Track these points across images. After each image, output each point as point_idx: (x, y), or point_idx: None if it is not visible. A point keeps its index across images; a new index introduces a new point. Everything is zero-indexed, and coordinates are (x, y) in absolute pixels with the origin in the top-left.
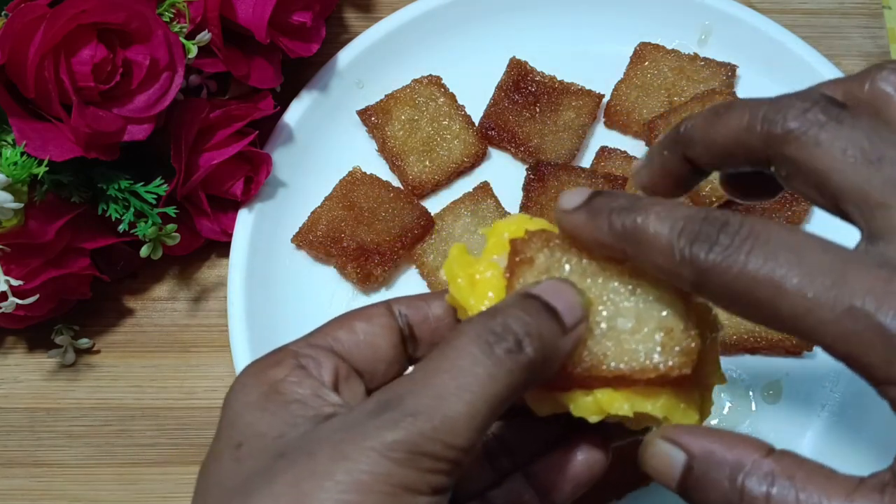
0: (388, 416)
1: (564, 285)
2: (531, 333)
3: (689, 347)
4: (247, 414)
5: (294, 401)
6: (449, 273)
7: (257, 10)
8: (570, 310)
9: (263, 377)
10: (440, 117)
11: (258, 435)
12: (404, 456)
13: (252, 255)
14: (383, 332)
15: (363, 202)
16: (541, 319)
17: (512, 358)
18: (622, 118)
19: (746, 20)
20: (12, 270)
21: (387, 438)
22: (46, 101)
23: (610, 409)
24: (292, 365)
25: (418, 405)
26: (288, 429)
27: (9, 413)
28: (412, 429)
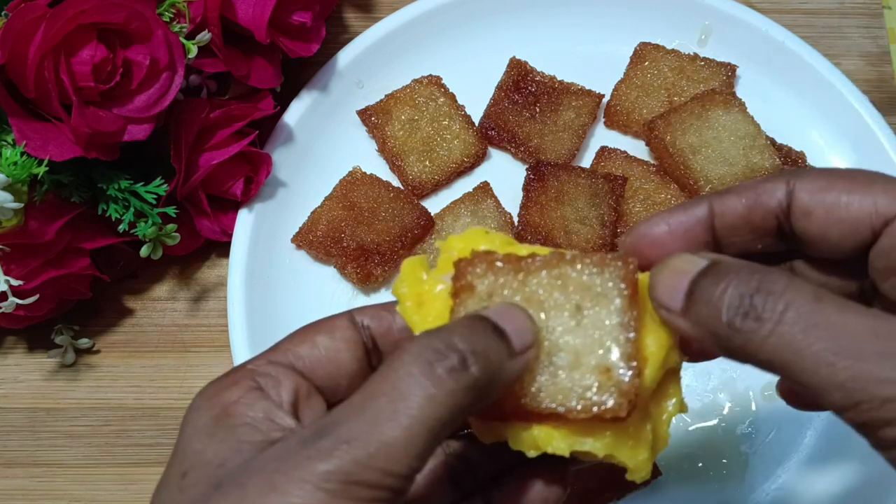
0: (321, 445)
1: (516, 309)
2: (477, 352)
3: (626, 389)
4: (195, 441)
5: (243, 424)
6: (396, 292)
7: (257, 10)
8: (519, 333)
9: (216, 399)
10: (440, 117)
11: (203, 464)
12: (338, 486)
13: (252, 255)
14: (346, 347)
15: (363, 202)
16: (488, 339)
17: (454, 377)
18: (622, 118)
19: (746, 20)
20: (12, 270)
21: (319, 468)
22: (46, 101)
23: (546, 448)
24: (248, 386)
25: (353, 431)
26: (232, 455)
27: (9, 413)
28: (346, 457)
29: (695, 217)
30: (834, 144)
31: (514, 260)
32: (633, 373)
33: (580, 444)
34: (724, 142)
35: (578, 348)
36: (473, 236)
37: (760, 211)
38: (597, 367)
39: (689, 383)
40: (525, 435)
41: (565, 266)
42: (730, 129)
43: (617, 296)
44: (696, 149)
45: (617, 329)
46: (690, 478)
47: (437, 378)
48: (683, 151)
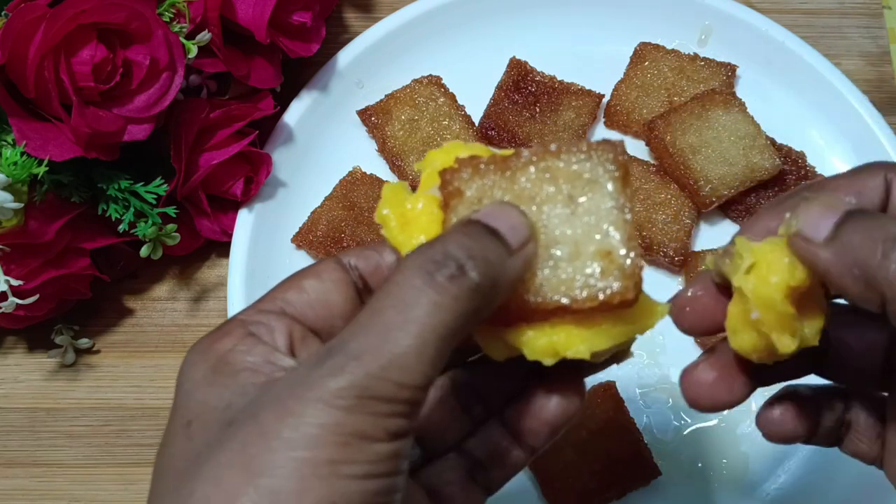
0: (332, 363)
1: (507, 206)
2: (474, 256)
3: (629, 270)
4: (195, 391)
5: (243, 370)
6: (379, 216)
7: (257, 10)
8: (513, 230)
9: (211, 351)
10: (440, 117)
11: (208, 410)
12: (353, 402)
13: (252, 255)
14: (336, 288)
15: (363, 202)
16: (483, 241)
17: (456, 283)
18: (622, 118)
19: (746, 20)
20: (12, 270)
21: (331, 386)
22: (46, 101)
23: (566, 352)
24: (241, 334)
25: (362, 346)
26: (237, 398)
27: (9, 413)
28: (358, 371)
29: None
30: (834, 144)
31: (500, 160)
32: (634, 253)
33: (600, 343)
34: (724, 142)
35: (576, 237)
36: (453, 148)
37: None
38: (597, 252)
39: None
40: (541, 343)
41: (552, 158)
42: (730, 129)
43: (608, 179)
44: (696, 149)
45: (612, 213)
46: (690, 478)
47: (439, 285)
48: (683, 151)
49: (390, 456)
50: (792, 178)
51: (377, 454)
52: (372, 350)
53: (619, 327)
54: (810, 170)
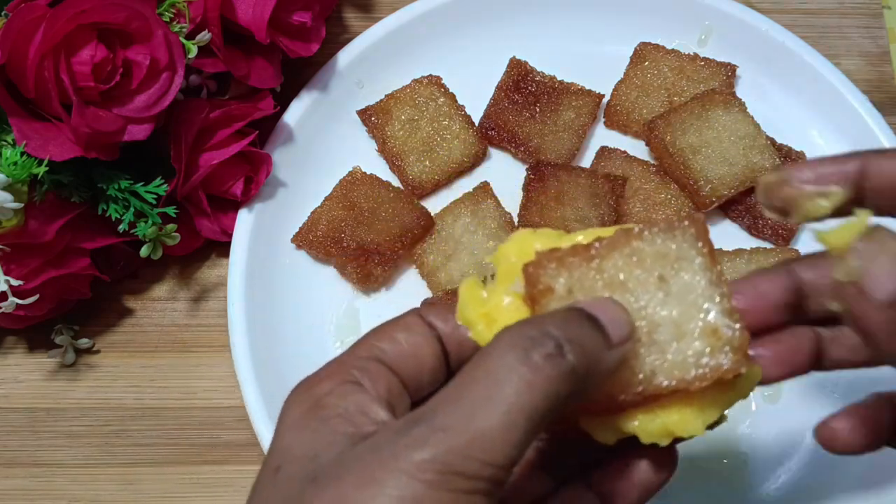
0: (417, 433)
1: (610, 302)
2: (572, 340)
3: (738, 344)
4: (287, 434)
5: (336, 416)
6: (463, 318)
7: (257, 10)
8: (615, 324)
9: (308, 393)
10: (440, 117)
11: (296, 458)
12: (435, 477)
13: (252, 255)
14: (425, 342)
15: (363, 202)
16: (583, 328)
17: (552, 363)
18: (622, 118)
19: (746, 20)
20: (12, 270)
21: (415, 457)
22: (46, 101)
23: (682, 433)
24: (341, 379)
25: (449, 419)
26: (324, 448)
27: (9, 413)
28: (442, 445)
29: (843, 172)
30: (834, 144)
31: (583, 250)
32: (739, 325)
33: (709, 416)
34: (724, 142)
35: (676, 319)
36: (523, 239)
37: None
38: (702, 331)
39: None
40: (655, 427)
41: (635, 241)
42: (730, 129)
43: (696, 255)
44: (696, 149)
45: (707, 288)
46: (690, 478)
47: (534, 364)
48: (683, 151)
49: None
50: None
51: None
52: (457, 425)
53: (724, 395)
54: None
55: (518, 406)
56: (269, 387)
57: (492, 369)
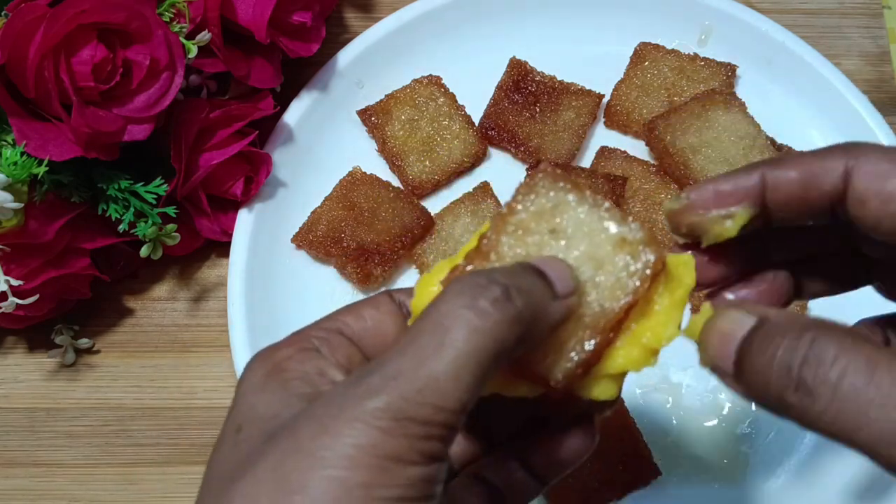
0: (370, 382)
1: (554, 258)
2: (520, 287)
3: (647, 237)
4: (249, 395)
5: (295, 378)
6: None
7: (257, 10)
8: (561, 279)
9: (270, 358)
10: (440, 117)
11: (256, 418)
12: (389, 423)
13: (252, 255)
14: (390, 319)
15: (363, 202)
16: (531, 279)
17: (499, 308)
18: (622, 118)
19: (746, 20)
20: (12, 270)
21: (368, 406)
22: (46, 101)
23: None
24: (301, 346)
25: (400, 367)
26: (283, 408)
27: (9, 413)
28: (395, 392)
29: (744, 188)
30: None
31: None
32: (636, 224)
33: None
34: (724, 142)
35: (587, 253)
36: (423, 284)
37: (815, 192)
38: (614, 248)
39: (690, 383)
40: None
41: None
42: (730, 129)
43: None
44: (696, 149)
45: (591, 213)
46: (690, 478)
47: (481, 309)
48: (683, 151)
49: (424, 480)
50: None
51: (411, 478)
52: (408, 372)
53: (675, 294)
54: None
55: (466, 351)
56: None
57: (441, 317)
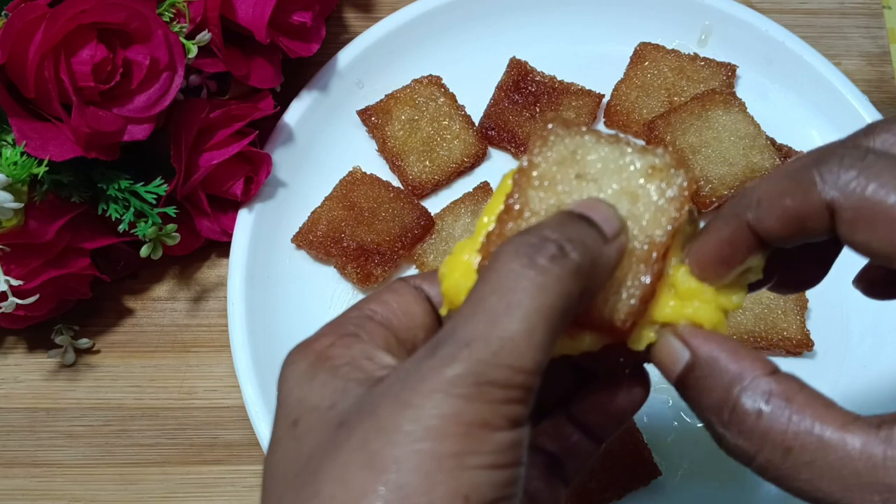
0: (443, 353)
1: (595, 200)
2: (572, 239)
3: (674, 159)
4: (297, 389)
5: (344, 364)
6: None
7: (257, 10)
8: (607, 220)
9: (309, 349)
10: (440, 117)
11: (312, 409)
12: (470, 390)
13: (252, 255)
14: (414, 301)
15: (363, 202)
16: (579, 227)
17: (558, 264)
18: (622, 118)
19: (746, 20)
20: (12, 270)
21: (447, 374)
22: (46, 101)
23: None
24: (340, 333)
25: (471, 334)
26: (340, 396)
27: (9, 413)
28: (471, 359)
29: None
30: None
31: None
32: (660, 149)
33: None
34: (724, 142)
35: (620, 190)
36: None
37: (803, 234)
38: (645, 179)
39: None
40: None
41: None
42: (730, 129)
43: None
44: (696, 149)
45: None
46: (690, 478)
47: (541, 267)
48: (683, 151)
49: (512, 445)
50: None
51: (499, 443)
52: (481, 336)
53: None
54: None
55: (534, 309)
56: (269, 387)
57: (501, 280)
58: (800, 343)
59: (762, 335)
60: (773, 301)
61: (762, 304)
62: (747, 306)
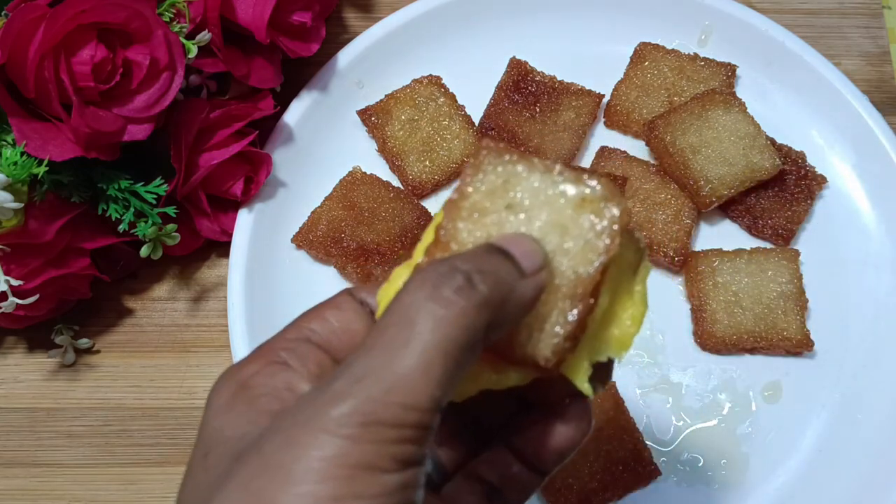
0: (335, 388)
1: (519, 235)
2: (483, 270)
3: (608, 190)
4: (214, 419)
5: (262, 395)
6: None
7: (257, 10)
8: (527, 255)
9: (234, 377)
10: (440, 117)
11: (223, 440)
12: (356, 430)
13: (252, 255)
14: (356, 318)
15: (363, 202)
16: (494, 260)
17: (463, 295)
18: (622, 118)
19: (746, 20)
20: (12, 270)
21: (333, 413)
22: (46, 101)
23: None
24: (268, 360)
25: (365, 368)
26: (250, 427)
27: (9, 413)
28: (361, 395)
29: None
30: (834, 144)
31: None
32: (594, 179)
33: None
34: (724, 142)
35: (549, 221)
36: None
37: None
38: (576, 210)
39: (689, 383)
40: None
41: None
42: (730, 129)
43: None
44: (696, 149)
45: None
46: (690, 478)
47: (445, 299)
48: (683, 151)
49: (402, 486)
50: (792, 178)
51: (385, 486)
52: (374, 372)
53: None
54: (810, 170)
55: (433, 343)
56: None
57: (404, 310)
58: (800, 343)
59: (762, 335)
60: (773, 301)
61: (762, 304)
62: (747, 306)
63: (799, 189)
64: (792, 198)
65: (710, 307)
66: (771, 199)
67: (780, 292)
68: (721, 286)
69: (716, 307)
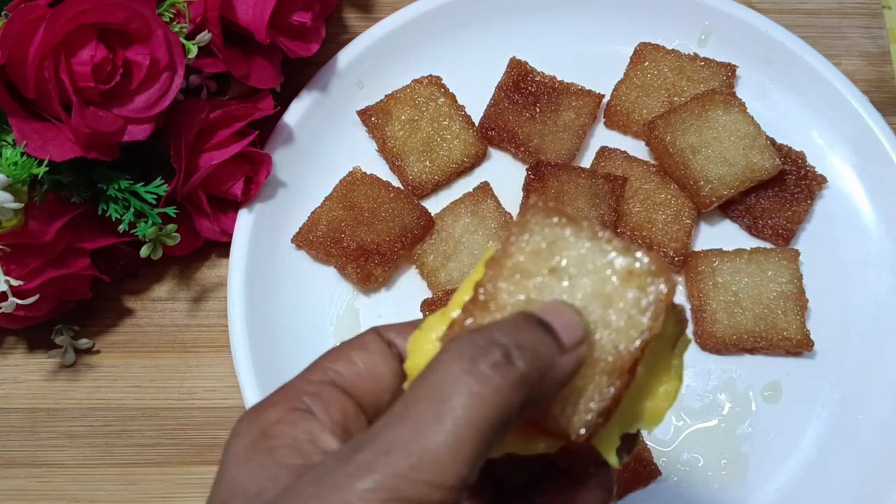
0: (360, 459)
1: (560, 304)
2: (522, 346)
3: (656, 265)
4: (233, 467)
5: (283, 446)
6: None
7: (257, 10)
8: (567, 328)
9: (256, 422)
10: (440, 117)
11: (240, 492)
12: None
13: (252, 255)
14: (383, 360)
15: (363, 202)
16: (533, 333)
17: (500, 372)
18: (622, 118)
19: (746, 20)
20: (12, 270)
21: (357, 487)
22: (46, 101)
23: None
24: (290, 406)
25: (393, 440)
26: (268, 483)
27: (9, 413)
28: (386, 470)
29: None
30: (834, 144)
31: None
32: (641, 252)
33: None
34: (724, 142)
35: (593, 291)
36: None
37: None
38: (622, 281)
39: (689, 383)
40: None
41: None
42: (730, 129)
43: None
44: (696, 149)
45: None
46: (690, 478)
47: (481, 374)
48: (683, 151)
49: None
50: (792, 178)
51: None
52: (402, 445)
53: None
54: (810, 170)
55: (466, 420)
56: (269, 387)
57: (438, 383)
58: (800, 343)
59: (762, 335)
60: (773, 301)
61: (762, 304)
62: (747, 306)
63: (799, 189)
64: (792, 198)
65: (710, 307)
66: (771, 199)
67: (780, 292)
68: (721, 286)
69: (716, 307)
